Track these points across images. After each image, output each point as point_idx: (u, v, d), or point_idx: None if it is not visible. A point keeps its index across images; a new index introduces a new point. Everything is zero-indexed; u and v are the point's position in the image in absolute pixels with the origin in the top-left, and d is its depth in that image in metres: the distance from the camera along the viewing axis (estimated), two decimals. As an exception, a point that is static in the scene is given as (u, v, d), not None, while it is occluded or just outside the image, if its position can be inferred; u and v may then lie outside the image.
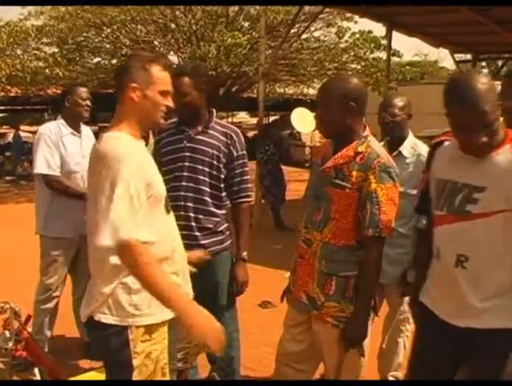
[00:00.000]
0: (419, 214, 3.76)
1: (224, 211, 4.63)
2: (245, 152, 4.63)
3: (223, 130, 4.56)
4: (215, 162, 4.50)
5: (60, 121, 5.79)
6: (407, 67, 27.22)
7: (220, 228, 4.62)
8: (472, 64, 20.84)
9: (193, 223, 4.54)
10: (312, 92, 26.61)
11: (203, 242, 4.54)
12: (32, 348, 4.65)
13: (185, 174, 4.53)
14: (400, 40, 16.77)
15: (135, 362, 3.13)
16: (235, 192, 4.61)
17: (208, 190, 4.51)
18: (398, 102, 4.92)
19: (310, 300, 3.89)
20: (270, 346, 4.85)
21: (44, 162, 5.59)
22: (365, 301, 3.78)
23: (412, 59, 42.08)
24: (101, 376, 3.39)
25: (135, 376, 3.13)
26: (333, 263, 3.79)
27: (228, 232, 4.68)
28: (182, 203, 4.51)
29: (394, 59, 20.93)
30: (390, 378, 5.21)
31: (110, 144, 3.06)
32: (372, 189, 3.64)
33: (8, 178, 25.04)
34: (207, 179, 4.51)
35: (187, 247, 4.56)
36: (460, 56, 21.78)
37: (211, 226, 4.56)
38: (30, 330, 4.74)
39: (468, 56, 21.94)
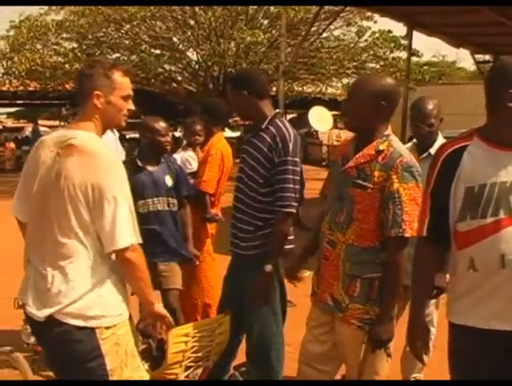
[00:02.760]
0: (432, 240, 3.28)
1: (268, 216, 4.44)
2: (289, 158, 4.37)
3: (273, 133, 4.42)
4: (256, 165, 4.43)
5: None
6: (425, 68, 27.11)
7: (260, 232, 4.47)
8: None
9: (234, 222, 4.56)
10: (331, 90, 26.60)
11: (242, 244, 4.52)
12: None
13: (238, 174, 4.61)
14: (419, 40, 16.70)
15: (104, 348, 3.20)
16: (274, 199, 4.40)
17: (247, 191, 4.47)
18: (434, 110, 4.84)
19: (335, 302, 3.85)
20: (291, 346, 4.81)
21: None
22: (390, 302, 3.74)
23: (430, 60, 41.86)
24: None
25: (108, 363, 3.21)
26: (357, 265, 3.76)
27: (269, 239, 4.45)
28: (233, 203, 4.61)
29: (413, 58, 20.83)
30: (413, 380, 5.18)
31: (97, 144, 3.28)
32: (394, 189, 3.61)
33: (25, 172, 25.03)
34: (248, 181, 4.47)
35: (231, 244, 4.62)
36: (478, 57, 21.69)
37: (251, 228, 4.48)
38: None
39: (487, 57, 21.84)
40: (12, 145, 30.48)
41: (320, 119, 14.33)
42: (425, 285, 3.46)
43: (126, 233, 3.17)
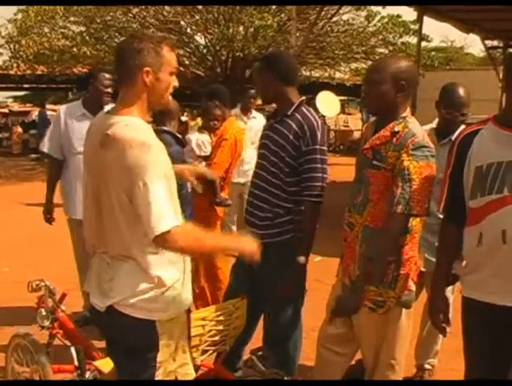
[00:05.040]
0: (446, 212, 3.54)
1: (289, 205, 4.40)
2: (318, 147, 4.32)
3: (300, 121, 4.37)
4: (280, 152, 4.37)
5: (78, 102, 6.14)
6: (433, 53, 27.03)
7: (278, 220, 4.43)
8: (502, 51, 20.65)
9: (251, 209, 4.52)
10: (339, 75, 26.48)
11: (260, 232, 4.41)
12: (67, 327, 4.65)
13: (258, 160, 4.57)
14: (427, 25, 16.57)
15: (160, 341, 3.18)
16: (301, 189, 4.35)
17: (270, 178, 4.41)
18: (467, 99, 4.87)
19: (351, 283, 3.87)
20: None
21: (45, 141, 6.24)
22: (368, 272, 3.72)
23: (439, 45, 41.72)
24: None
25: (159, 355, 3.19)
26: (373, 246, 3.76)
27: (288, 226, 4.43)
28: (250, 189, 4.58)
29: (422, 44, 20.72)
30: (427, 366, 5.23)
31: (131, 130, 3.04)
32: (405, 166, 3.62)
33: (33, 155, 25.11)
34: (271, 168, 4.41)
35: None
36: (487, 43, 21.57)
37: (270, 215, 4.43)
38: (64, 308, 4.73)
39: (496, 43, 21.74)
40: (19, 129, 30.51)
41: (328, 104, 14.35)
42: (446, 259, 3.56)
43: (162, 217, 2.95)
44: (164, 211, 2.95)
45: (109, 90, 5.95)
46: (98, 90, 5.94)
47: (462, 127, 4.84)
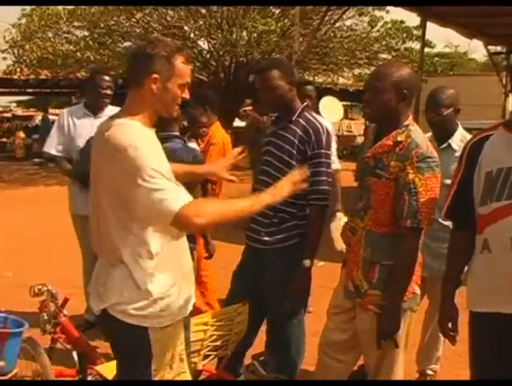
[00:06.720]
0: (452, 219, 3.57)
1: (294, 210, 4.39)
2: (323, 151, 4.36)
3: (305, 125, 4.39)
4: (286, 158, 4.37)
5: (80, 105, 6.42)
6: (436, 59, 27.04)
7: (284, 225, 4.43)
8: (505, 56, 20.65)
9: (255, 216, 4.43)
10: (342, 81, 26.51)
11: (265, 238, 4.47)
12: (69, 332, 4.65)
13: (263, 167, 4.55)
14: (431, 31, 16.58)
15: (154, 350, 3.14)
16: (307, 193, 4.27)
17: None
18: (445, 100, 4.84)
19: (355, 288, 3.88)
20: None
21: (49, 142, 6.42)
22: (396, 292, 3.73)
23: (441, 50, 41.70)
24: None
25: (154, 363, 3.16)
26: (377, 251, 3.78)
27: (293, 232, 4.44)
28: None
29: (425, 49, 20.74)
30: (429, 371, 5.21)
31: (122, 132, 3.01)
32: (410, 179, 3.60)
33: (36, 160, 25.11)
34: (275, 174, 4.35)
35: (250, 238, 4.60)
36: (490, 48, 21.58)
37: (275, 220, 4.42)
38: (66, 313, 4.72)
39: (499, 48, 21.73)
40: (22, 134, 30.53)
41: (331, 109, 14.22)
42: (455, 267, 3.54)
43: (169, 202, 2.88)
44: (170, 196, 2.89)
45: (108, 92, 6.20)
46: (96, 92, 6.18)
47: (460, 130, 4.87)
